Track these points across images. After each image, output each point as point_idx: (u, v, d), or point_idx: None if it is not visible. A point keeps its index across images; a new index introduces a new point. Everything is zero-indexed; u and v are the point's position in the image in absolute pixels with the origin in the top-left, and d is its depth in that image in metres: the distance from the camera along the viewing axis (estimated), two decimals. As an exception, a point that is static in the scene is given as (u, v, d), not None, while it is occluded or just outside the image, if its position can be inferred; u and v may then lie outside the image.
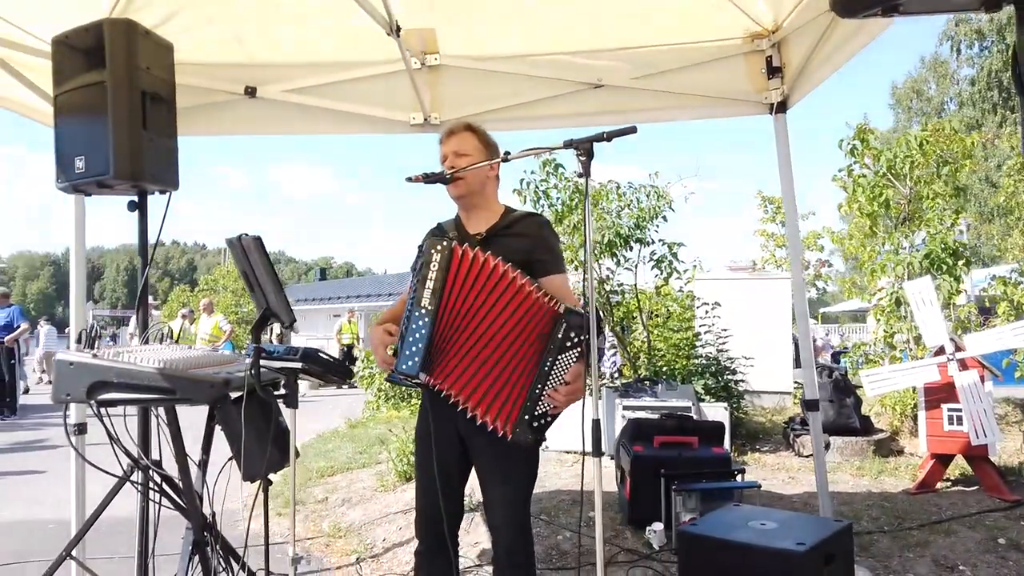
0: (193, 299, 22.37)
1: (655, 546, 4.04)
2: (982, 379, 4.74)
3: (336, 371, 2.55)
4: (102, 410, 2.67)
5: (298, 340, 18.14)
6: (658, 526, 4.11)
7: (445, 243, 2.29)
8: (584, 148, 2.21)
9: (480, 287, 2.28)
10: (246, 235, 2.34)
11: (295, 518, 2.63)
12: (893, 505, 4.65)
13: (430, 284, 2.26)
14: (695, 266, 9.27)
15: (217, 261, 31.82)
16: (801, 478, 5.41)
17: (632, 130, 2.18)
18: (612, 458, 5.46)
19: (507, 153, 2.51)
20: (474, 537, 4.24)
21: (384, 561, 4.12)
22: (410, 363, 2.27)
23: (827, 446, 6.07)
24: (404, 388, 9.97)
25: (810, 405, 3.74)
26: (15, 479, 6.62)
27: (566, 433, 5.88)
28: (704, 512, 3.98)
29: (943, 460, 5.02)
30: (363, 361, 10.99)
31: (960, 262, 6.43)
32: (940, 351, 4.86)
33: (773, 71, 3.76)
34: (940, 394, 4.86)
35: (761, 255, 14.32)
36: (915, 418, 5.99)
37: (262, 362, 2.42)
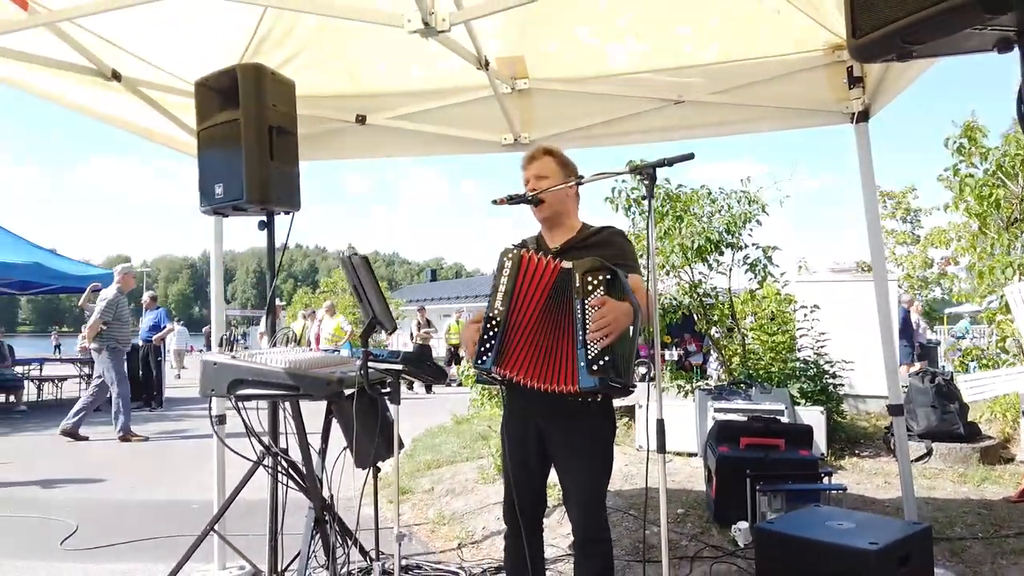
0: (315, 300, 23.66)
1: (740, 544, 4.16)
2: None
3: (432, 373, 2.90)
4: (238, 403, 3.16)
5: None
6: (743, 525, 4.23)
7: (515, 251, 2.60)
8: (647, 173, 2.46)
9: (545, 285, 2.53)
10: (355, 255, 2.73)
11: (398, 505, 2.99)
12: (991, 512, 4.56)
13: (502, 288, 2.56)
14: (800, 267, 9.16)
15: (338, 264, 33.42)
16: (897, 483, 5.33)
17: (690, 156, 2.40)
18: (702, 457, 5.61)
19: (580, 177, 2.79)
20: (566, 528, 4.51)
21: (483, 548, 4.45)
22: (485, 358, 2.58)
23: (929, 452, 5.96)
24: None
25: (894, 410, 3.77)
26: (163, 464, 7.46)
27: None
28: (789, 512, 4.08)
29: (1049, 469, 4.86)
30: (468, 361, 11.50)
31: (1079, 265, 6.12)
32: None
33: (854, 81, 3.80)
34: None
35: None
36: (1030, 425, 5.78)
37: (369, 364, 2.80)
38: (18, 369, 13.87)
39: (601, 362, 2.40)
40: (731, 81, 4.00)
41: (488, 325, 2.57)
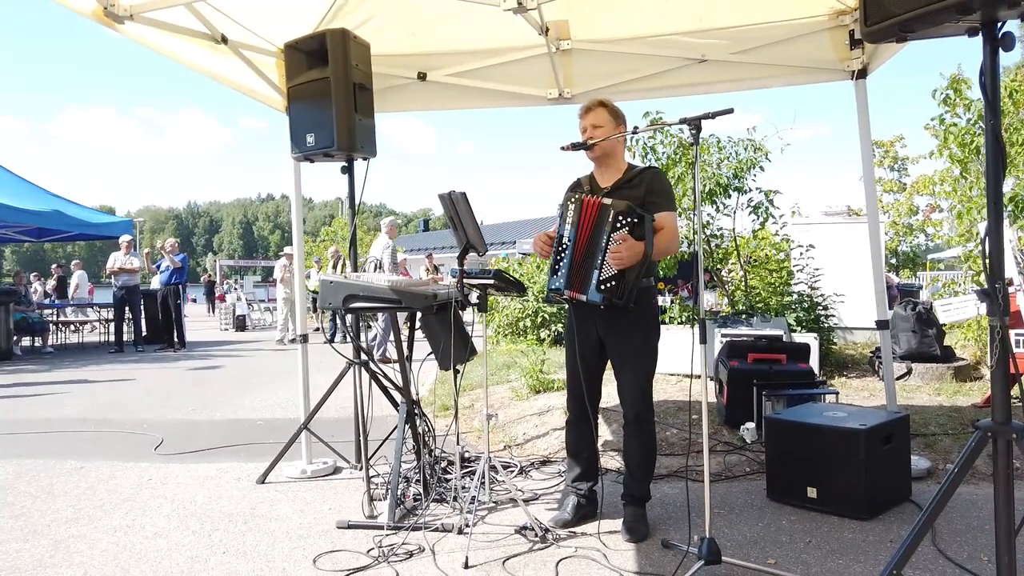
0: (317, 248, 24.20)
1: (747, 440, 4.91)
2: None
3: (516, 287, 3.56)
4: (347, 316, 3.82)
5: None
6: (750, 425, 4.98)
7: (578, 196, 3.26)
8: (695, 124, 3.07)
9: (592, 218, 3.17)
10: (455, 191, 3.36)
11: (487, 388, 3.67)
12: (960, 415, 5.34)
13: (569, 225, 3.21)
14: (793, 212, 9.85)
15: (331, 213, 33.78)
16: (882, 396, 6.10)
17: (730, 111, 3.00)
18: (712, 378, 6.36)
19: (635, 127, 3.42)
20: (601, 437, 5.25)
21: (526, 448, 5.19)
22: (560, 283, 3.24)
23: (909, 372, 6.75)
24: (520, 324, 11.11)
25: (880, 324, 4.49)
26: (211, 392, 8.14)
27: (673, 359, 6.85)
28: (790, 415, 4.82)
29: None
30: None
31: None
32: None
33: (855, 43, 4.41)
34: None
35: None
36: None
37: (465, 280, 3.46)
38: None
39: (608, 284, 3.14)
40: (748, 43, 4.59)
41: (558, 256, 3.23)
